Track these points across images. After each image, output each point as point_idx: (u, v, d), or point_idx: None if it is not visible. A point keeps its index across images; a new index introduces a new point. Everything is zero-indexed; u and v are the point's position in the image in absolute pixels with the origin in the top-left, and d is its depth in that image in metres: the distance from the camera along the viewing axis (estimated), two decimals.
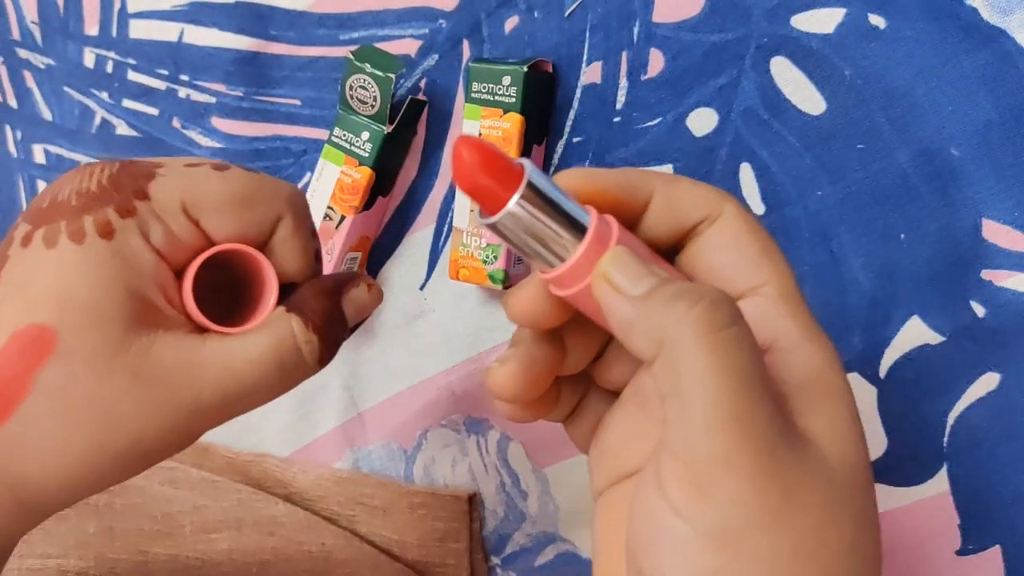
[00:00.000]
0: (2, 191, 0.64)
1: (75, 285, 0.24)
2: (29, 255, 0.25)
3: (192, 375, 0.25)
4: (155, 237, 0.26)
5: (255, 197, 0.27)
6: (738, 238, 0.25)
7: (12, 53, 0.62)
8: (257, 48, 0.53)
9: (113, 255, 0.25)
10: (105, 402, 0.24)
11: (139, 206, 0.25)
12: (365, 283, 0.30)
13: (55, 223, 0.25)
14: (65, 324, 0.24)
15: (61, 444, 0.24)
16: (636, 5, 0.44)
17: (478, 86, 0.45)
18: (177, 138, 0.57)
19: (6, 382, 0.24)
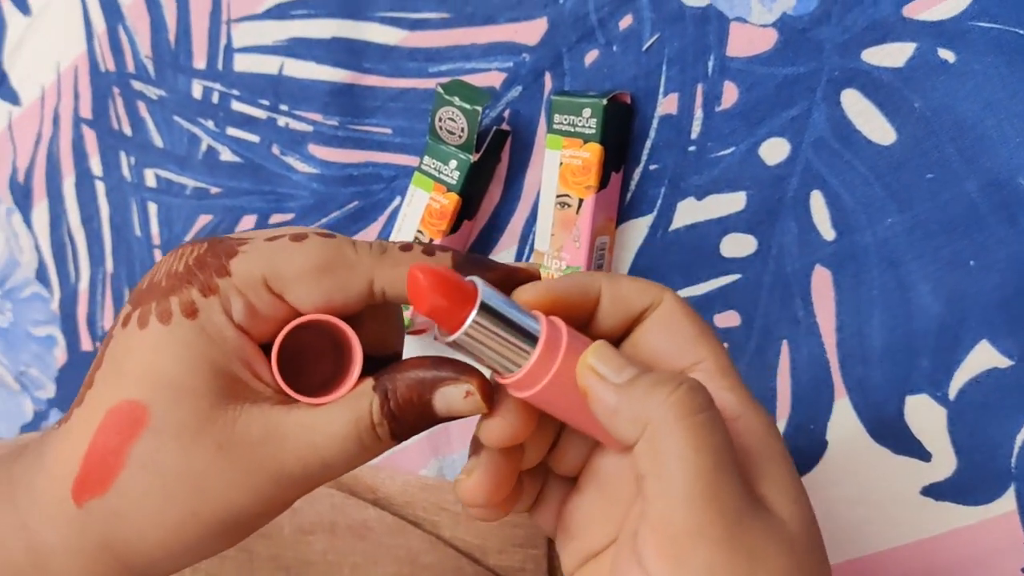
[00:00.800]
0: (117, 212, 0.69)
1: (163, 363, 0.25)
2: (126, 335, 0.26)
3: (276, 446, 0.26)
4: (237, 313, 0.26)
5: (333, 263, 0.26)
6: (676, 322, 0.27)
7: (128, 85, 0.67)
8: (352, 80, 0.57)
9: (197, 334, 0.26)
10: (193, 473, 0.25)
11: (221, 284, 0.26)
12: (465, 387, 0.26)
13: (147, 304, 0.26)
14: (155, 401, 0.25)
15: (155, 513, 0.25)
16: (711, 40, 0.46)
17: (560, 118, 0.47)
18: (276, 164, 0.61)
19: (103, 456, 0.25)
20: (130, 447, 0.25)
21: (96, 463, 0.25)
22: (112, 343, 0.26)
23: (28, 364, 0.76)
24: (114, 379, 0.26)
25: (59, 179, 0.72)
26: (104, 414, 0.25)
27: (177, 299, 0.26)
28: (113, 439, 0.25)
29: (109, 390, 0.25)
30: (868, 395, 0.44)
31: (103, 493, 0.25)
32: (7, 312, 0.77)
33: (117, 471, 0.25)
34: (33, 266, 0.75)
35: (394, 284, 0.27)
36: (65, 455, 0.26)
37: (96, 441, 0.25)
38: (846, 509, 0.45)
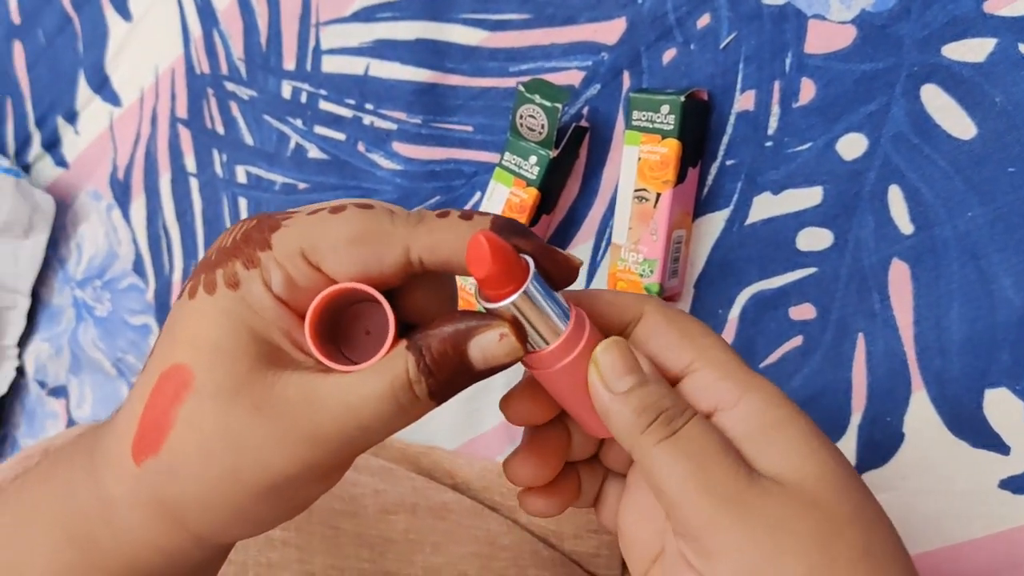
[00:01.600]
0: (209, 207, 0.73)
1: (206, 329, 0.26)
2: (179, 305, 0.28)
3: (312, 409, 0.26)
4: (275, 284, 0.27)
5: (368, 233, 0.27)
6: (660, 332, 0.29)
7: (221, 86, 0.70)
8: (435, 80, 0.59)
9: (238, 302, 0.27)
10: (231, 433, 0.26)
11: (262, 257, 0.27)
12: (499, 330, 0.26)
13: (199, 277, 0.28)
14: (198, 363, 0.26)
15: (198, 472, 0.26)
16: (788, 37, 0.47)
17: (638, 114, 0.49)
18: (361, 161, 0.63)
19: (156, 417, 0.26)
20: (178, 408, 0.26)
21: (150, 424, 0.26)
22: (170, 314, 0.28)
23: (125, 351, 0.80)
24: (168, 345, 0.27)
25: (156, 176, 0.76)
26: (157, 377, 0.27)
27: (222, 271, 0.27)
28: (164, 400, 0.26)
29: (163, 355, 0.27)
30: (946, 388, 0.44)
31: (156, 452, 0.26)
32: (106, 302, 0.81)
33: (167, 431, 0.26)
34: (130, 258, 0.79)
35: (431, 251, 0.27)
36: (127, 416, 0.27)
37: (149, 403, 0.26)
38: (923, 501, 0.45)
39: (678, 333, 0.29)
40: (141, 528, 0.27)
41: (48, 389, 0.87)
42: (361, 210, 0.27)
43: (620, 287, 0.50)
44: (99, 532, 0.28)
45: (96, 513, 0.28)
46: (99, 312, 0.82)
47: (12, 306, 0.86)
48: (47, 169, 0.84)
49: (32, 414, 0.89)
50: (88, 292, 0.83)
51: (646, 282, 0.49)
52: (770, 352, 0.49)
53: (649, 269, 0.49)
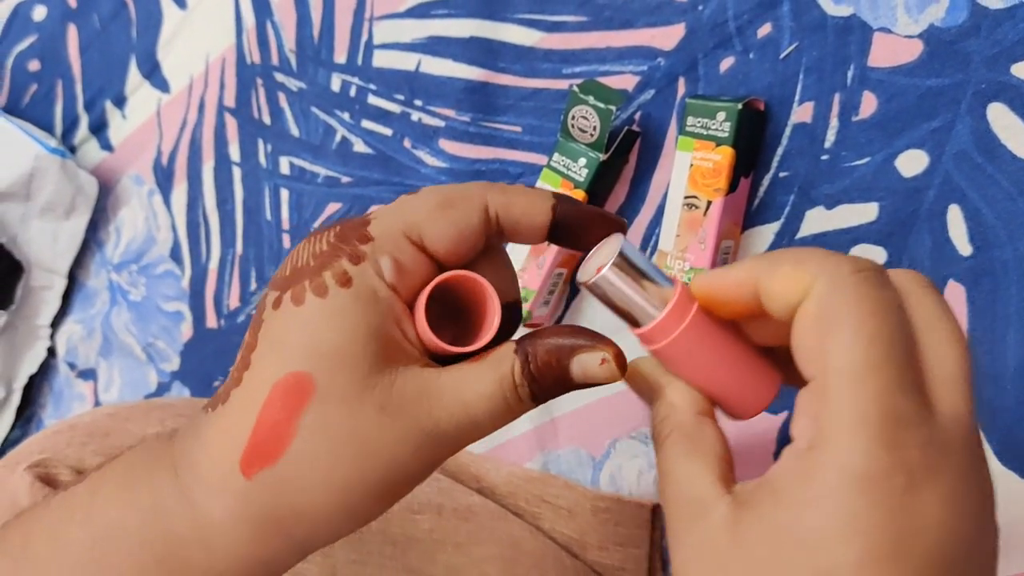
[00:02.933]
0: (250, 196, 0.73)
1: (324, 334, 0.27)
2: (281, 315, 0.27)
3: (431, 404, 0.27)
4: (387, 272, 0.28)
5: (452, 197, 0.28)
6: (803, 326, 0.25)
7: (271, 76, 0.70)
8: (486, 79, 0.58)
9: (354, 300, 0.27)
10: (359, 435, 0.27)
11: (367, 249, 0.27)
12: (601, 354, 0.28)
13: (300, 283, 0.27)
14: (319, 370, 0.26)
15: (324, 476, 0.27)
16: (852, 50, 0.46)
17: (693, 120, 0.48)
18: (407, 157, 0.63)
19: (273, 427, 0.26)
20: (299, 416, 0.26)
21: (266, 435, 0.26)
22: (266, 325, 0.28)
23: (156, 336, 0.80)
24: (275, 356, 0.27)
25: (200, 163, 0.76)
26: (270, 388, 0.26)
27: (330, 272, 0.27)
28: (281, 410, 0.26)
29: (271, 366, 0.27)
30: (998, 417, 0.43)
31: (273, 463, 0.26)
32: (141, 287, 0.82)
33: (288, 440, 0.26)
34: (168, 245, 0.79)
35: (506, 208, 0.29)
36: (230, 431, 0.27)
37: (264, 414, 0.26)
38: None
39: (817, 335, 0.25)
40: (243, 544, 0.27)
41: (77, 371, 0.87)
42: (437, 186, 0.29)
43: None
44: (193, 554, 0.28)
45: (190, 535, 0.28)
46: (133, 296, 0.82)
47: (49, 286, 0.87)
48: (92, 152, 0.85)
49: (60, 395, 0.89)
50: (124, 276, 0.83)
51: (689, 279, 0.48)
52: None
53: None
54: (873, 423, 0.23)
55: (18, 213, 0.82)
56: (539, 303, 0.54)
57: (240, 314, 0.74)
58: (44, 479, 0.45)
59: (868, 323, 0.24)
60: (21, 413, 0.91)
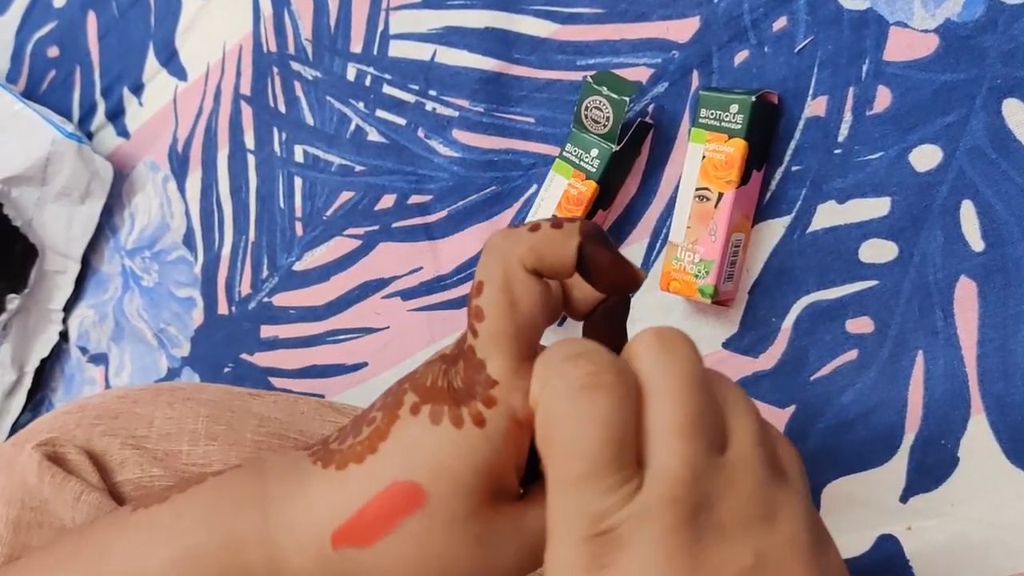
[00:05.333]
0: (264, 184, 0.73)
1: (450, 460, 0.29)
2: (418, 425, 0.30)
3: (517, 541, 0.30)
4: (520, 408, 0.29)
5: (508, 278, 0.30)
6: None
7: (287, 65, 0.71)
8: (501, 69, 0.59)
9: (484, 441, 0.29)
10: (449, 557, 0.29)
11: (495, 394, 0.29)
12: None
13: (440, 406, 0.30)
14: (436, 489, 0.29)
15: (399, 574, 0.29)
16: (867, 44, 0.46)
17: (706, 112, 0.48)
18: (420, 146, 0.63)
19: (377, 518, 0.29)
20: (402, 519, 0.29)
21: (367, 522, 0.29)
22: (401, 426, 0.30)
23: (168, 322, 0.81)
24: (403, 459, 0.29)
25: (215, 151, 0.77)
26: (386, 485, 0.29)
27: (467, 409, 0.29)
28: (389, 508, 0.29)
29: (396, 467, 0.29)
30: (1008, 414, 0.42)
31: (365, 547, 0.29)
32: (153, 273, 0.82)
33: (382, 535, 0.29)
34: (182, 231, 0.79)
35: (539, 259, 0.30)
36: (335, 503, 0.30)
37: (374, 503, 0.29)
38: (972, 530, 0.43)
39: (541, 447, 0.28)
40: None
41: (89, 356, 0.88)
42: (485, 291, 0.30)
43: (673, 287, 0.49)
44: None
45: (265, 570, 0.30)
46: (146, 282, 0.83)
47: (63, 271, 0.87)
48: (108, 139, 0.85)
49: (71, 379, 0.90)
50: (137, 262, 0.83)
51: (700, 283, 0.48)
52: (823, 365, 0.47)
53: (705, 270, 0.48)
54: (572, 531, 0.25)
55: (34, 197, 0.83)
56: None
57: (251, 301, 0.75)
58: (52, 458, 0.46)
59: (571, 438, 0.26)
60: (32, 396, 0.91)
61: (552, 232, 0.30)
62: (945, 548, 0.44)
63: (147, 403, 0.51)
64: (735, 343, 0.50)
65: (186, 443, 0.49)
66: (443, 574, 0.29)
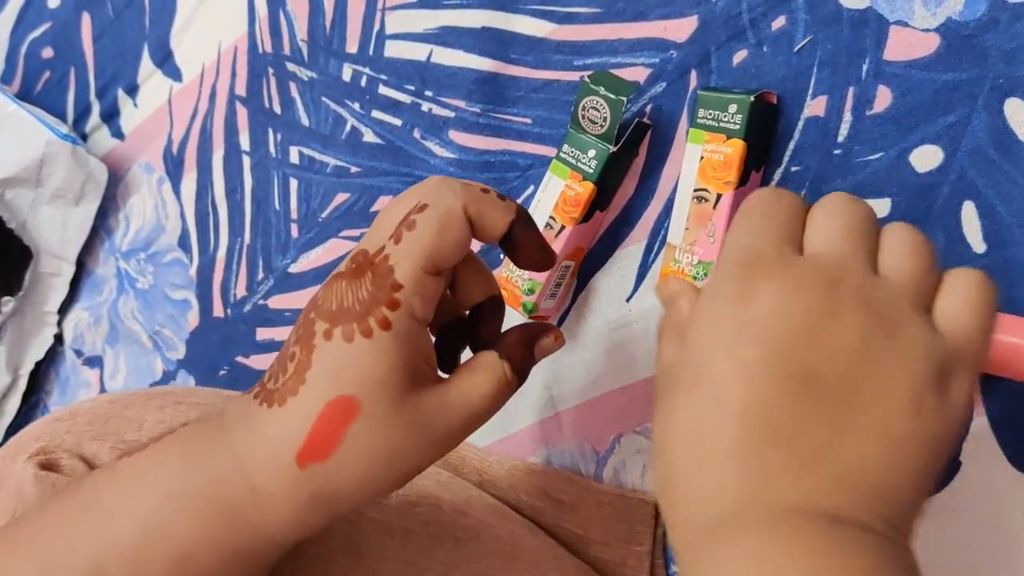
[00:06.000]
0: (259, 186, 0.73)
1: (369, 368, 0.34)
2: (333, 347, 0.34)
3: (446, 415, 0.36)
4: (419, 310, 0.35)
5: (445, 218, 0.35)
6: None
7: (282, 66, 0.70)
8: (497, 69, 0.58)
9: (395, 341, 0.34)
10: (392, 448, 0.34)
11: (399, 296, 0.34)
12: (554, 334, 0.40)
13: (349, 324, 0.34)
14: (365, 395, 0.34)
15: (361, 473, 0.34)
16: (867, 43, 0.45)
17: (704, 112, 0.47)
18: (416, 147, 0.63)
19: (325, 435, 0.34)
20: (346, 429, 0.33)
21: (318, 439, 0.33)
22: (319, 352, 0.34)
23: (162, 324, 0.80)
24: (330, 380, 0.34)
25: (210, 152, 0.76)
26: (324, 405, 0.33)
27: (373, 318, 0.34)
28: (333, 423, 0.33)
29: (326, 388, 0.34)
30: (1010, 418, 0.42)
31: (323, 460, 0.33)
32: (148, 275, 0.81)
33: (335, 446, 0.33)
34: (177, 233, 0.79)
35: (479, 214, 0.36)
36: (288, 432, 0.34)
37: (318, 423, 0.33)
38: (973, 536, 0.43)
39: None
40: (290, 512, 0.34)
41: (84, 358, 0.87)
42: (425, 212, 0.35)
43: None
44: (249, 514, 0.34)
45: (247, 501, 0.34)
46: (141, 285, 0.82)
47: (57, 273, 0.87)
48: (103, 140, 0.85)
49: (65, 382, 0.89)
50: (132, 264, 0.83)
51: (700, 285, 0.48)
52: None
53: (703, 272, 0.48)
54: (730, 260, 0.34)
55: (28, 199, 0.82)
56: (545, 296, 0.54)
57: (247, 303, 0.74)
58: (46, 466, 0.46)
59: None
60: (27, 399, 0.91)
61: (497, 200, 0.36)
62: (943, 555, 0.43)
63: (138, 407, 0.51)
64: None
65: None
66: (393, 463, 0.34)
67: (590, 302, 0.55)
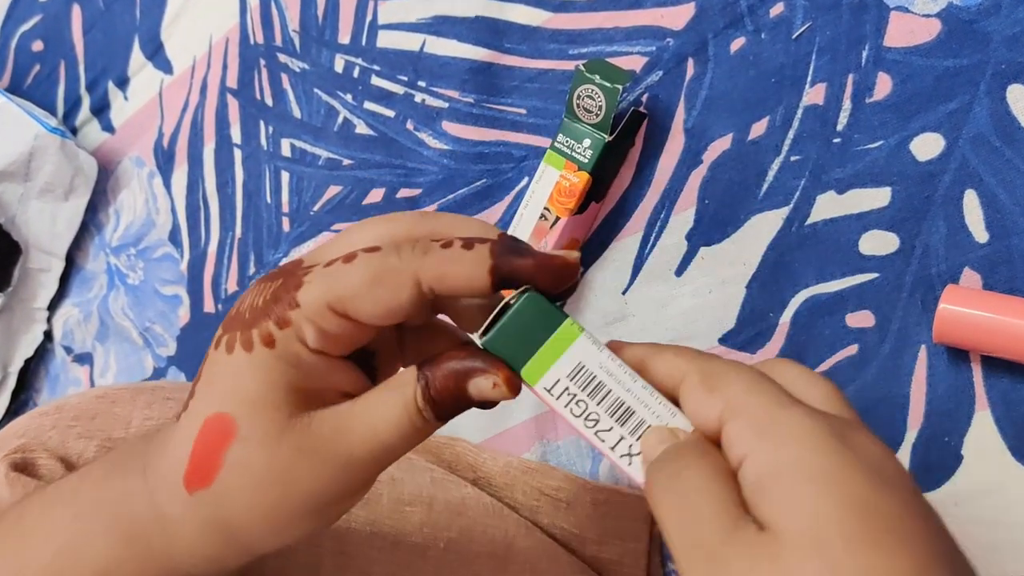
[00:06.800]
0: (251, 179, 0.72)
1: (246, 384, 0.30)
2: (218, 357, 0.30)
3: (344, 439, 0.30)
4: (311, 339, 0.29)
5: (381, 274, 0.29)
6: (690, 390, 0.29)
7: (274, 57, 0.69)
8: (491, 59, 0.57)
9: (276, 359, 0.29)
10: (277, 472, 0.29)
11: (293, 316, 0.29)
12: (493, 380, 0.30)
13: (234, 333, 0.30)
14: (240, 414, 0.30)
15: (250, 503, 0.30)
16: (867, 30, 0.44)
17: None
18: (409, 139, 0.62)
19: (204, 457, 0.30)
20: (224, 451, 0.29)
21: (199, 463, 0.30)
22: (208, 362, 0.31)
23: (153, 321, 0.79)
24: (209, 394, 0.30)
25: (200, 145, 0.75)
26: (202, 423, 0.30)
27: (257, 331, 0.30)
28: (210, 445, 0.30)
29: (205, 403, 0.30)
30: (1013, 409, 0.41)
31: (207, 486, 0.30)
32: (139, 270, 0.80)
33: (216, 471, 0.30)
34: (167, 228, 0.78)
35: (440, 281, 0.29)
36: (175, 452, 0.31)
37: (197, 445, 0.30)
38: (976, 530, 0.42)
39: (705, 389, 0.28)
40: (194, 541, 0.31)
41: (74, 355, 0.86)
42: (371, 255, 0.29)
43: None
44: (154, 538, 0.31)
45: (151, 523, 0.31)
46: (131, 280, 0.81)
47: (47, 268, 0.86)
48: (93, 133, 0.84)
49: (55, 380, 0.88)
50: (122, 259, 0.82)
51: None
52: (822, 360, 0.46)
53: None
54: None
55: (17, 193, 0.81)
56: None
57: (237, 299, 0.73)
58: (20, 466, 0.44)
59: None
60: (16, 397, 0.90)
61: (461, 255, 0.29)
62: None
63: (126, 403, 0.50)
64: (732, 338, 0.49)
65: None
66: (287, 492, 0.30)
67: (586, 295, 0.54)
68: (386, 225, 0.31)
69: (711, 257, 0.50)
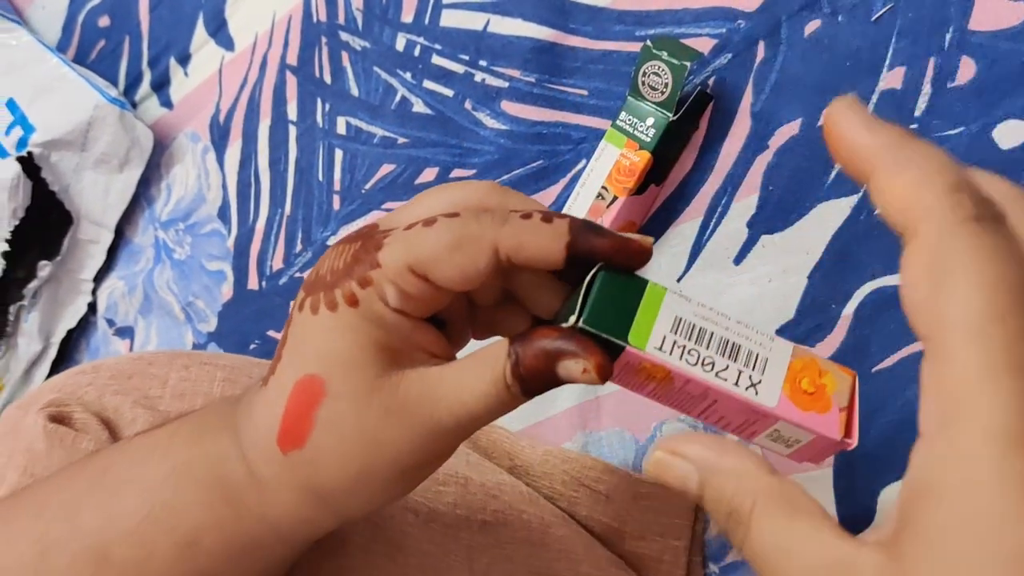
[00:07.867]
0: (303, 156, 0.72)
1: (334, 344, 0.30)
2: (303, 319, 0.31)
3: (431, 405, 0.30)
4: (392, 299, 0.30)
5: (461, 240, 0.29)
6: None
7: (335, 35, 0.69)
8: (555, 39, 0.56)
9: (361, 318, 0.30)
10: (366, 432, 0.30)
11: (374, 276, 0.30)
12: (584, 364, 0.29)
13: (317, 294, 0.31)
14: (330, 375, 0.30)
15: (340, 463, 0.31)
16: (952, 12, 0.43)
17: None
18: (466, 119, 0.61)
19: (296, 419, 0.31)
20: (315, 412, 0.30)
21: (292, 424, 0.30)
22: (293, 325, 0.32)
23: (196, 295, 0.79)
24: (298, 356, 0.31)
25: (256, 121, 0.75)
26: (292, 385, 0.30)
27: (340, 291, 0.30)
28: (301, 405, 0.30)
29: (294, 365, 0.31)
30: None
31: (302, 447, 0.30)
32: (186, 245, 0.80)
33: (309, 430, 0.30)
34: (217, 204, 0.78)
35: (517, 251, 0.29)
36: (267, 415, 0.31)
37: (289, 407, 0.30)
38: None
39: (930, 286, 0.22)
40: (288, 503, 0.32)
41: (115, 328, 0.86)
42: (452, 219, 0.30)
43: None
44: (249, 498, 0.32)
45: (247, 485, 0.32)
46: (178, 255, 0.81)
47: (95, 240, 0.86)
48: (152, 109, 0.84)
49: (95, 352, 0.88)
50: (170, 234, 0.82)
51: None
52: (886, 356, 0.44)
53: None
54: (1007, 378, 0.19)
55: (72, 163, 0.82)
56: None
57: (283, 276, 0.73)
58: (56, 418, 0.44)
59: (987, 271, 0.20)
60: (56, 368, 0.90)
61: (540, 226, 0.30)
62: None
63: (162, 364, 0.49)
64: (790, 330, 0.47)
65: (200, 404, 0.47)
66: (377, 451, 0.30)
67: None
68: (461, 192, 0.32)
69: (772, 245, 0.48)
